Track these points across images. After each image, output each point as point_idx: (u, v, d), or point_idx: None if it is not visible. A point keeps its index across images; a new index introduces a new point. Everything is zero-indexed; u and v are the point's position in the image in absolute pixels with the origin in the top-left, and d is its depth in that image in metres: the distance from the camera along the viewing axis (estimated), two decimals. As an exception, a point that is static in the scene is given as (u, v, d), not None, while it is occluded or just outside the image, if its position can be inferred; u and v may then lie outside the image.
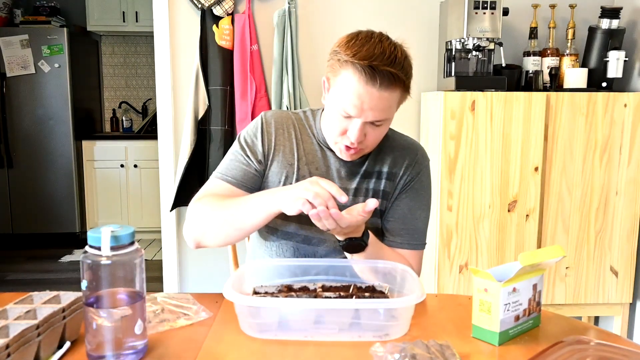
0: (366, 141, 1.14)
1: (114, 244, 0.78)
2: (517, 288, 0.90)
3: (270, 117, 1.26)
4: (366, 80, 1.06)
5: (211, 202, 1.14)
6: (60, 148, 4.21)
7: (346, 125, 1.12)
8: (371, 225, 1.19)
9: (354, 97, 1.07)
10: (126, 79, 4.87)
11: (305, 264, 1.10)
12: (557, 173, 2.13)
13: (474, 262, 2.13)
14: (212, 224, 1.13)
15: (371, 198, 1.06)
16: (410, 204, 1.26)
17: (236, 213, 1.10)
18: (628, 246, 2.18)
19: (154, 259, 3.89)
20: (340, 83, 1.10)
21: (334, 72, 1.12)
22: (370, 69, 1.05)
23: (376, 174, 1.25)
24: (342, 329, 0.91)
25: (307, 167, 1.23)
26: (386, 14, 2.44)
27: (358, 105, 1.08)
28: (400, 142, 1.30)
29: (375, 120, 1.10)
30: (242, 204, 1.11)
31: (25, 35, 4.09)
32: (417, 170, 1.27)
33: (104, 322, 0.78)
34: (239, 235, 1.13)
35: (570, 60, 2.27)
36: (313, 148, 1.24)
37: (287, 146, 1.23)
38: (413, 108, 2.48)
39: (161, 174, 2.50)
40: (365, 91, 1.06)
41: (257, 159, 1.22)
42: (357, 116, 1.09)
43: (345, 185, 1.23)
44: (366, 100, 1.07)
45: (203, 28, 2.36)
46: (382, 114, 1.09)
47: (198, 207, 1.15)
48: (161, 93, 2.44)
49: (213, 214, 1.13)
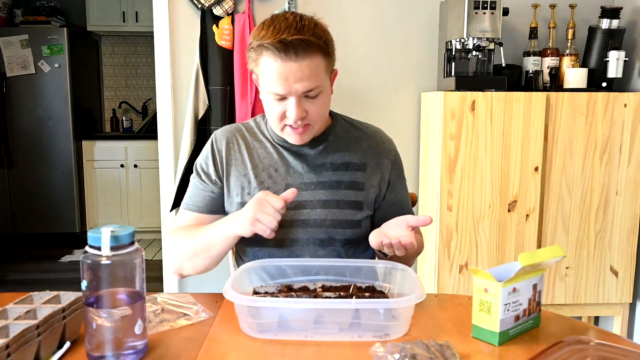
0: (310, 116, 1.15)
1: (114, 244, 0.78)
2: (517, 288, 0.90)
3: (220, 134, 1.30)
4: (281, 55, 1.07)
5: (181, 235, 1.22)
6: (60, 148, 4.21)
7: (283, 107, 1.13)
8: (347, 218, 1.22)
9: (278, 76, 1.09)
10: (126, 79, 4.87)
11: (305, 264, 1.10)
12: (557, 173, 2.13)
13: (474, 262, 2.13)
14: (185, 256, 1.20)
15: (427, 215, 1.07)
16: (399, 190, 1.31)
17: (202, 243, 1.17)
18: (628, 246, 2.18)
19: (154, 259, 3.89)
20: (263, 70, 1.11)
21: (255, 62, 1.13)
22: (281, 43, 1.06)
23: (344, 166, 1.25)
24: (342, 329, 0.91)
25: (264, 173, 1.24)
26: (386, 14, 2.44)
27: (283, 83, 1.09)
28: (364, 132, 1.31)
29: (306, 91, 1.11)
30: (205, 233, 1.17)
31: (25, 35, 4.09)
32: (392, 157, 1.30)
33: (104, 322, 0.78)
34: (210, 262, 1.19)
35: (570, 60, 2.27)
36: (268, 151, 1.26)
37: (239, 158, 1.26)
38: (413, 108, 2.48)
39: (161, 174, 2.49)
40: (284, 67, 1.08)
41: (212, 180, 1.26)
42: (288, 94, 1.10)
43: (312, 179, 1.23)
44: (289, 75, 1.08)
45: (203, 28, 2.36)
46: (310, 82, 1.10)
47: (172, 241, 1.23)
48: (161, 93, 2.44)
49: (183, 246, 1.20)
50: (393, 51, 2.46)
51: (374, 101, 2.47)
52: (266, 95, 1.15)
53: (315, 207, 1.22)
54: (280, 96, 1.11)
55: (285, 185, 1.22)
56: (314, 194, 1.22)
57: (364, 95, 2.46)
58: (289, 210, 1.19)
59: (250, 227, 1.06)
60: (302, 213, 1.21)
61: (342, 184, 1.23)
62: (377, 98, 2.47)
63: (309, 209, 1.21)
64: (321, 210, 1.21)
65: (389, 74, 2.47)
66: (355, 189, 1.24)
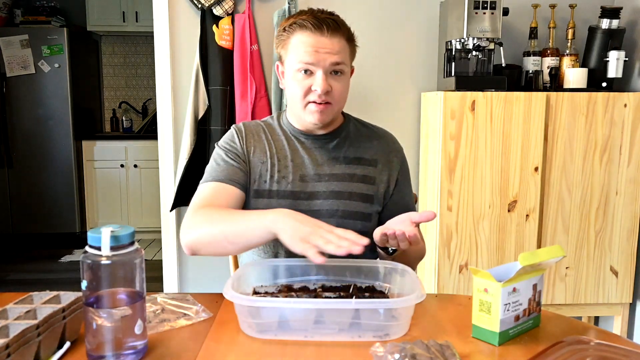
0: (332, 94, 1.20)
1: (114, 244, 0.78)
2: (517, 288, 0.90)
3: (242, 126, 1.34)
4: (314, 30, 1.16)
5: (210, 213, 1.13)
6: (60, 148, 4.21)
7: (310, 82, 1.19)
8: (358, 209, 1.25)
9: (309, 47, 1.17)
10: (126, 79, 4.87)
11: (305, 264, 1.10)
12: (557, 173, 2.13)
13: (474, 262, 2.13)
14: (208, 236, 1.11)
15: (430, 210, 1.08)
16: (405, 191, 1.35)
17: (234, 228, 1.08)
18: (628, 246, 2.18)
19: (154, 259, 3.89)
20: (293, 46, 1.20)
21: (284, 45, 1.22)
22: (314, 18, 1.17)
23: (357, 160, 1.30)
24: (342, 329, 0.91)
25: (281, 163, 1.27)
26: (386, 14, 2.44)
27: (314, 54, 1.16)
28: (374, 131, 1.37)
29: (334, 64, 1.17)
30: (240, 219, 1.09)
31: (25, 35, 4.09)
32: (401, 158, 1.36)
33: (104, 322, 0.78)
34: (233, 249, 1.14)
35: (570, 60, 2.27)
36: (285, 143, 1.30)
37: (258, 147, 1.29)
38: (413, 108, 2.48)
39: (161, 174, 2.49)
40: (317, 40, 1.17)
41: (240, 158, 1.27)
42: (317, 63, 1.17)
43: (326, 171, 1.27)
44: (320, 47, 1.16)
45: (203, 28, 2.36)
46: (338, 56, 1.18)
47: (196, 217, 1.14)
48: (161, 93, 2.44)
49: (210, 226, 1.11)
50: (393, 51, 2.46)
51: (374, 101, 2.47)
52: (294, 73, 1.20)
53: (328, 197, 1.25)
54: (309, 67, 1.17)
55: (299, 175, 1.26)
56: (327, 185, 1.26)
57: (364, 95, 2.46)
58: (303, 200, 1.24)
59: (301, 245, 0.95)
60: (315, 204, 1.25)
61: (355, 177, 1.28)
62: (377, 98, 2.47)
63: (322, 199, 1.25)
64: (333, 201, 1.25)
65: (389, 74, 2.47)
66: (366, 183, 1.28)
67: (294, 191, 1.25)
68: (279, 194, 1.25)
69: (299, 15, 1.20)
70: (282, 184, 1.25)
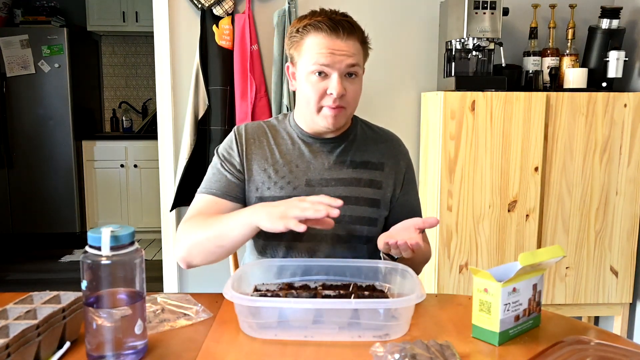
0: (346, 98, 1.18)
1: (114, 244, 0.78)
2: (517, 288, 0.90)
3: (242, 129, 1.30)
4: (329, 32, 1.15)
5: (196, 222, 1.16)
6: (60, 148, 4.21)
7: (324, 85, 1.17)
8: (365, 215, 1.24)
9: (325, 49, 1.15)
10: (126, 79, 4.87)
11: (305, 264, 1.11)
12: (557, 173, 2.13)
13: (474, 262, 2.13)
14: (196, 244, 1.14)
15: (433, 217, 1.10)
16: (411, 194, 1.34)
17: (218, 230, 1.11)
18: (628, 246, 2.18)
19: (154, 259, 3.89)
20: (307, 48, 1.17)
21: (298, 47, 1.20)
22: (330, 20, 1.16)
23: (364, 164, 1.28)
24: (342, 328, 0.91)
25: (286, 167, 1.25)
26: (386, 13, 2.44)
27: (329, 55, 1.15)
28: (381, 134, 1.36)
29: (349, 66, 1.16)
30: (222, 221, 1.12)
31: (25, 35, 4.09)
32: (407, 161, 1.35)
33: (104, 322, 0.78)
34: (221, 252, 1.14)
35: (570, 60, 2.27)
36: (290, 147, 1.28)
37: (259, 154, 1.27)
38: (413, 108, 2.48)
39: (161, 174, 2.49)
40: (332, 42, 1.15)
41: (237, 169, 1.25)
42: (332, 65, 1.15)
43: (332, 176, 1.25)
44: (336, 49, 1.15)
45: (203, 28, 2.36)
46: (354, 58, 1.16)
47: (184, 229, 1.17)
48: (161, 93, 2.44)
49: (196, 234, 1.14)
50: (393, 51, 2.46)
51: (374, 101, 2.47)
52: (308, 75, 1.18)
53: None
54: (324, 69, 1.16)
55: (305, 180, 1.24)
56: (333, 190, 1.24)
57: (364, 95, 2.43)
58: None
59: (281, 222, 0.99)
60: None
61: (362, 182, 1.26)
62: (377, 98, 2.47)
63: None
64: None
65: (389, 74, 2.47)
66: (373, 187, 1.27)
67: (300, 196, 1.23)
68: (283, 199, 1.23)
69: (313, 17, 1.18)
70: (287, 189, 1.23)
